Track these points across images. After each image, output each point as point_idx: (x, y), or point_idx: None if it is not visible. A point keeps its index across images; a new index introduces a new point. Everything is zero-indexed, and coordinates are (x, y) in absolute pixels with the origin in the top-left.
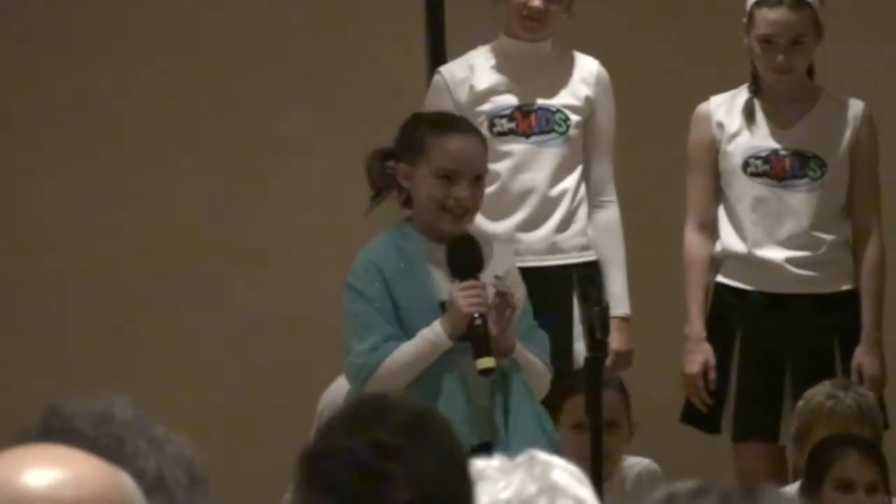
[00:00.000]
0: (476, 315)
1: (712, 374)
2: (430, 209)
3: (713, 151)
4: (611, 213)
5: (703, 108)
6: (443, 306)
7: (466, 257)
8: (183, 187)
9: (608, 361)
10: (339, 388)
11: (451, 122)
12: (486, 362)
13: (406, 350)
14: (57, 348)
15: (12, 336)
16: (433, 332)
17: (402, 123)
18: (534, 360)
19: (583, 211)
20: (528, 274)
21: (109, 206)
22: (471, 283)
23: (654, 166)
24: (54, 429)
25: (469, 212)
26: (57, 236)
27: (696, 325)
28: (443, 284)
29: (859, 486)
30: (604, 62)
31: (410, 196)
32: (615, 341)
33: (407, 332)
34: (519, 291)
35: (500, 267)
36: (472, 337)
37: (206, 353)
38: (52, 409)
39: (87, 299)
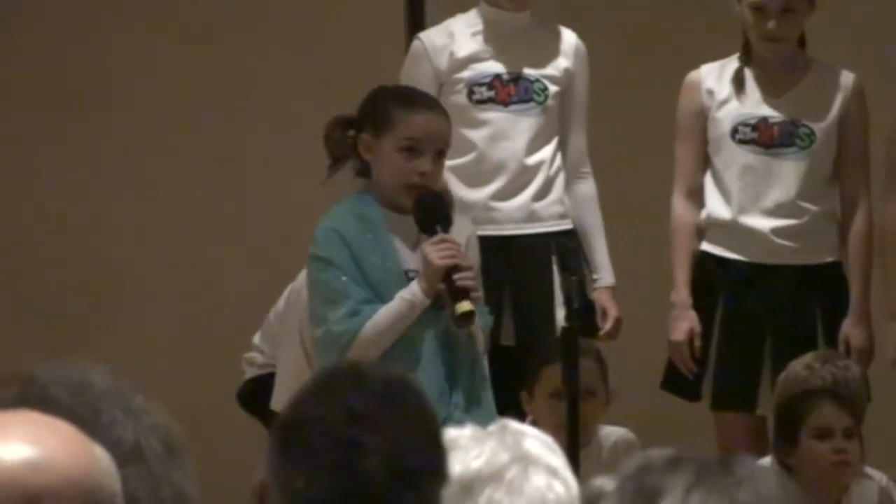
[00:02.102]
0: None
1: (697, 342)
2: (394, 183)
3: (702, 119)
4: (589, 184)
5: (693, 75)
6: (407, 275)
7: (435, 212)
8: (164, 163)
9: (609, 328)
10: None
11: (419, 97)
12: (465, 305)
13: (385, 312)
14: (39, 326)
15: None
16: (410, 292)
17: (367, 94)
18: (478, 334)
19: (560, 180)
20: (506, 242)
21: (96, 185)
22: (441, 236)
23: (638, 136)
24: (31, 397)
25: (430, 186)
26: (41, 217)
27: (682, 292)
28: (406, 254)
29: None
30: (588, 33)
31: (368, 166)
32: (613, 309)
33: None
34: (475, 262)
35: (459, 236)
36: (448, 287)
37: (183, 321)
38: (29, 376)
39: (71, 278)
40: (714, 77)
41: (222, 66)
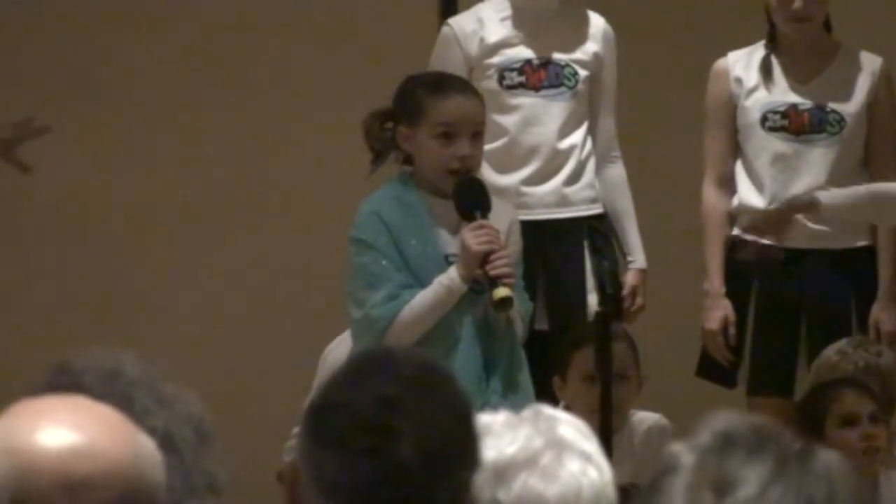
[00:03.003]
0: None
1: (732, 330)
2: (436, 171)
3: (731, 107)
4: (619, 169)
5: (720, 63)
6: (447, 259)
7: (474, 198)
8: (185, 143)
9: (633, 311)
10: (339, 346)
11: (448, 82)
12: (502, 291)
13: (423, 297)
14: (57, 304)
15: (13, 293)
16: (448, 277)
17: (398, 86)
18: (517, 319)
19: (591, 165)
20: (538, 226)
21: (107, 161)
22: (480, 222)
23: (665, 126)
24: (63, 384)
25: (472, 169)
26: (56, 194)
27: (716, 280)
28: (447, 238)
29: (863, 416)
30: (615, 19)
31: (411, 156)
32: (641, 295)
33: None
34: (516, 248)
35: (501, 223)
36: (486, 273)
37: (208, 308)
38: (62, 364)
39: (85, 256)
40: (742, 65)
41: (251, 57)
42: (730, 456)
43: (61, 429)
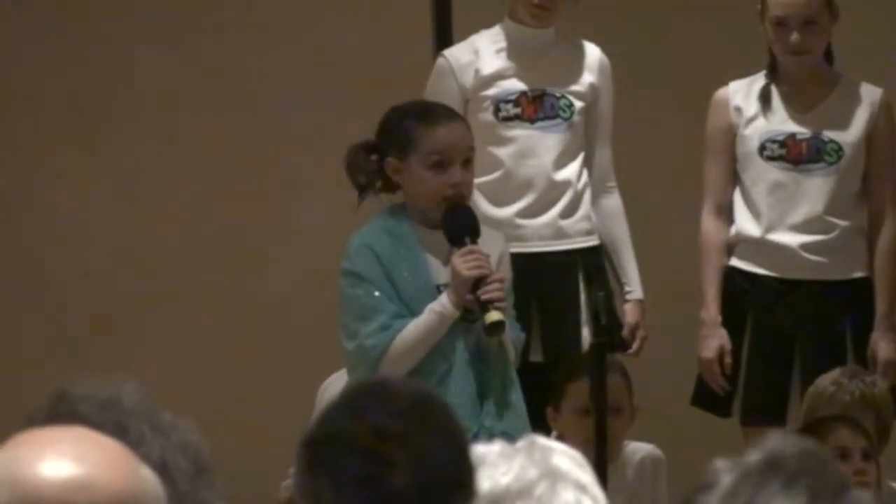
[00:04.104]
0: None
1: (728, 359)
2: (430, 200)
3: (731, 136)
4: (615, 198)
5: (721, 92)
6: (438, 289)
7: (463, 223)
8: (184, 174)
9: (637, 345)
10: (338, 380)
11: (435, 111)
12: (494, 315)
13: (416, 325)
14: (60, 331)
15: (15, 320)
16: (440, 304)
17: (383, 118)
18: (509, 346)
19: (587, 196)
20: (533, 259)
21: (110, 191)
22: (469, 247)
23: (664, 154)
24: (61, 413)
25: (465, 196)
26: (59, 221)
27: (712, 309)
28: (438, 268)
29: (855, 452)
30: (612, 49)
31: (390, 186)
32: (641, 327)
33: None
34: (507, 276)
35: (491, 251)
36: (477, 298)
37: (208, 337)
38: (61, 392)
39: (89, 286)
40: (742, 94)
41: (248, 78)
42: (767, 484)
43: (63, 460)
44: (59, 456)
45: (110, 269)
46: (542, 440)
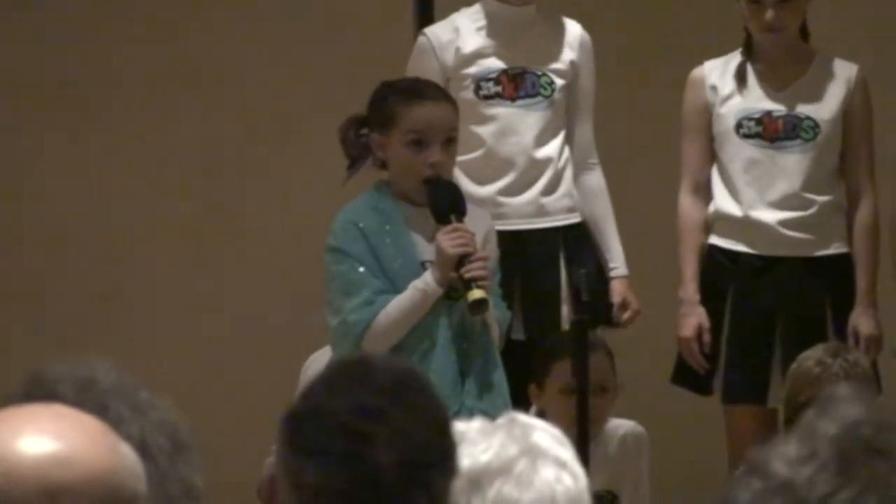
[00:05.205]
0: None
1: (707, 337)
2: (408, 179)
3: (707, 115)
4: (597, 176)
5: (696, 72)
6: (423, 266)
7: (449, 201)
8: (173, 157)
9: (628, 318)
10: (321, 357)
11: (420, 89)
12: (477, 293)
13: (399, 302)
14: (44, 315)
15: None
16: (423, 281)
17: (373, 93)
18: (493, 325)
19: (568, 174)
20: (515, 237)
21: (99, 175)
22: (454, 225)
23: (642, 131)
24: (37, 395)
25: (444, 176)
26: (46, 206)
27: (690, 287)
28: (423, 245)
29: None
30: (592, 26)
31: (385, 163)
32: (633, 301)
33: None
34: (493, 255)
35: (477, 229)
36: (461, 276)
37: (191, 317)
38: (36, 374)
39: (75, 268)
40: (717, 73)
41: (229, 61)
42: (820, 476)
43: (42, 437)
44: (37, 432)
45: (87, 264)
46: (522, 417)
